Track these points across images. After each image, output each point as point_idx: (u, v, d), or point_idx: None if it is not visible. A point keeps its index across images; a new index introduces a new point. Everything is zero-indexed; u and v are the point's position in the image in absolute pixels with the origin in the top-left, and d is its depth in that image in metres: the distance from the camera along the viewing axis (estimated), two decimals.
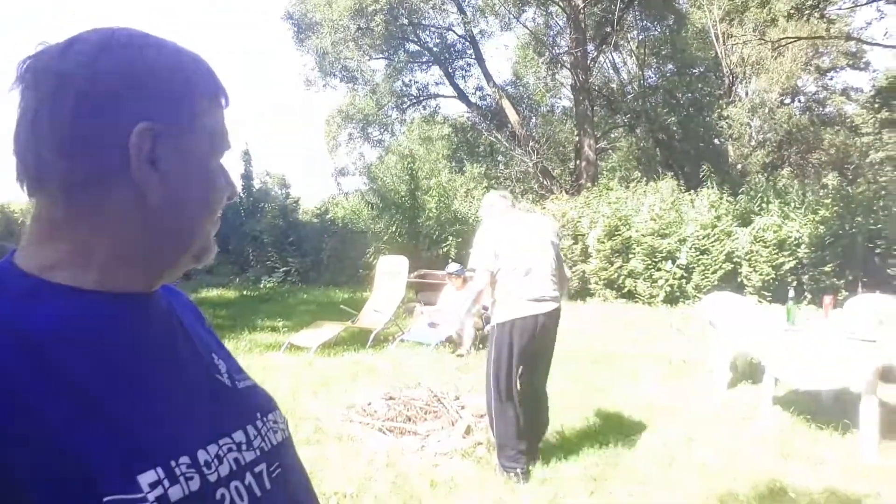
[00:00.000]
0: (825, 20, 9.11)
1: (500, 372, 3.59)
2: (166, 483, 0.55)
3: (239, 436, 0.65)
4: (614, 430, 4.29)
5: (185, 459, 0.58)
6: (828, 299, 4.70)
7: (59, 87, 0.59)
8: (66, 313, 0.59)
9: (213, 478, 0.59)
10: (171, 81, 0.64)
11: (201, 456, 0.59)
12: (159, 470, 0.55)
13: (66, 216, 0.61)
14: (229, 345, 7.02)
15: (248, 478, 0.63)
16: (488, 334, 3.69)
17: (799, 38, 15.88)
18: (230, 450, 0.63)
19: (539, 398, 3.88)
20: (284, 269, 13.52)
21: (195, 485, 0.57)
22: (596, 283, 10.64)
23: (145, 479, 0.54)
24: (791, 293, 4.86)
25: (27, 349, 0.54)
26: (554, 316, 3.65)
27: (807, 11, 9.15)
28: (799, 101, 21.91)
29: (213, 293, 12.15)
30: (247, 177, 16.17)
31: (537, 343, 3.62)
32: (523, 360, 3.63)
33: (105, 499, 0.51)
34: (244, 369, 0.78)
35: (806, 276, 9.29)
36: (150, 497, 0.53)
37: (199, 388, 0.67)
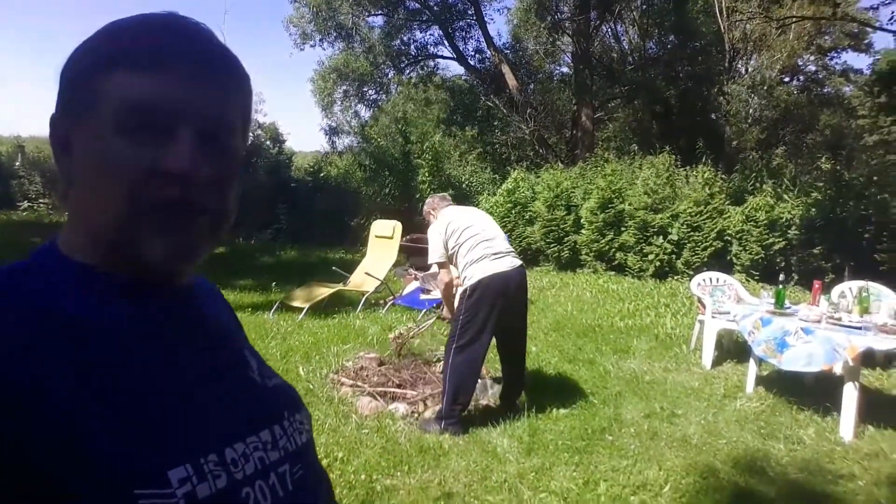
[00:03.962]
0: (830, 1, 9.00)
1: (466, 332, 3.75)
2: (195, 480, 0.55)
3: (265, 435, 0.65)
4: (599, 402, 4.37)
5: (213, 457, 0.58)
6: (816, 284, 4.76)
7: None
8: (93, 303, 0.59)
9: (239, 476, 0.59)
10: (85, 58, 0.62)
11: (228, 454, 0.59)
12: (188, 467, 0.55)
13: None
14: None
15: (272, 478, 0.62)
16: (462, 298, 3.86)
17: (804, 18, 15.67)
18: (256, 449, 0.63)
19: (515, 359, 4.11)
20: (276, 226, 13.44)
21: (222, 482, 0.57)
22: (587, 254, 10.69)
23: (175, 475, 0.54)
24: (781, 276, 4.92)
25: (57, 339, 0.54)
26: (521, 273, 3.90)
27: None
28: (798, 80, 21.78)
29: None
30: None
31: (510, 302, 3.83)
32: (497, 321, 3.79)
33: (135, 491, 0.51)
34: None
35: (794, 258, 9.38)
36: (179, 493, 0.53)
37: (229, 386, 0.67)
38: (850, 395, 3.88)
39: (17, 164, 16.13)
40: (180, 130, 0.59)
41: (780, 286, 4.65)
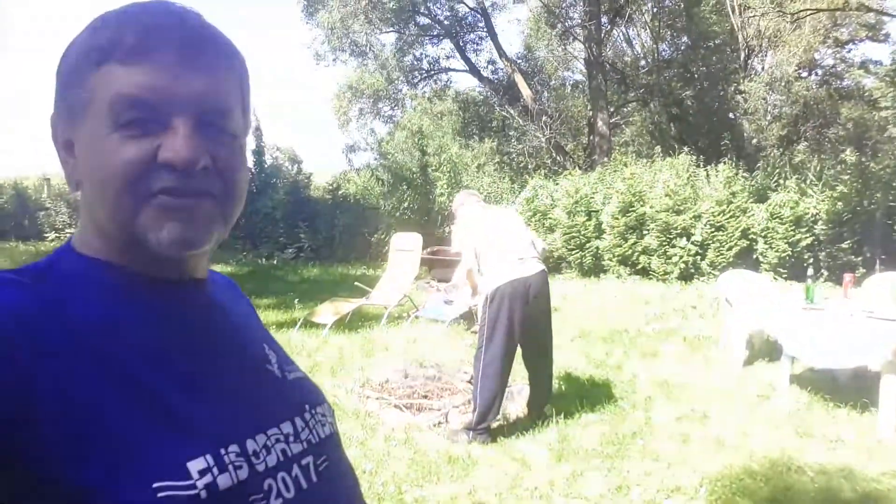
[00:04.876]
0: None
1: (491, 341, 3.71)
2: (215, 471, 0.54)
3: (287, 427, 0.64)
4: (629, 406, 4.30)
5: (234, 448, 0.57)
6: (847, 277, 4.66)
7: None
8: (110, 299, 0.60)
9: (260, 468, 0.58)
10: (76, 55, 0.61)
11: (250, 445, 0.59)
12: (209, 457, 0.54)
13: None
14: None
15: (296, 470, 0.62)
16: (483, 306, 3.81)
17: (819, 10, 15.50)
18: (278, 441, 0.62)
19: (541, 366, 4.04)
20: (297, 245, 13.54)
21: (243, 474, 0.56)
22: (610, 259, 10.59)
23: (195, 466, 0.53)
24: (810, 271, 4.82)
25: (76, 335, 0.54)
26: (542, 278, 3.84)
27: None
28: (816, 75, 21.46)
29: (227, 269, 12.22)
30: (258, 152, 16.12)
31: (531, 308, 3.77)
32: (520, 327, 3.75)
33: (154, 484, 0.51)
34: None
35: (823, 254, 9.20)
36: (199, 484, 0.53)
37: (249, 378, 0.66)
38: (889, 391, 3.76)
39: (44, 196, 16.52)
40: (175, 121, 0.58)
41: (809, 280, 4.55)
